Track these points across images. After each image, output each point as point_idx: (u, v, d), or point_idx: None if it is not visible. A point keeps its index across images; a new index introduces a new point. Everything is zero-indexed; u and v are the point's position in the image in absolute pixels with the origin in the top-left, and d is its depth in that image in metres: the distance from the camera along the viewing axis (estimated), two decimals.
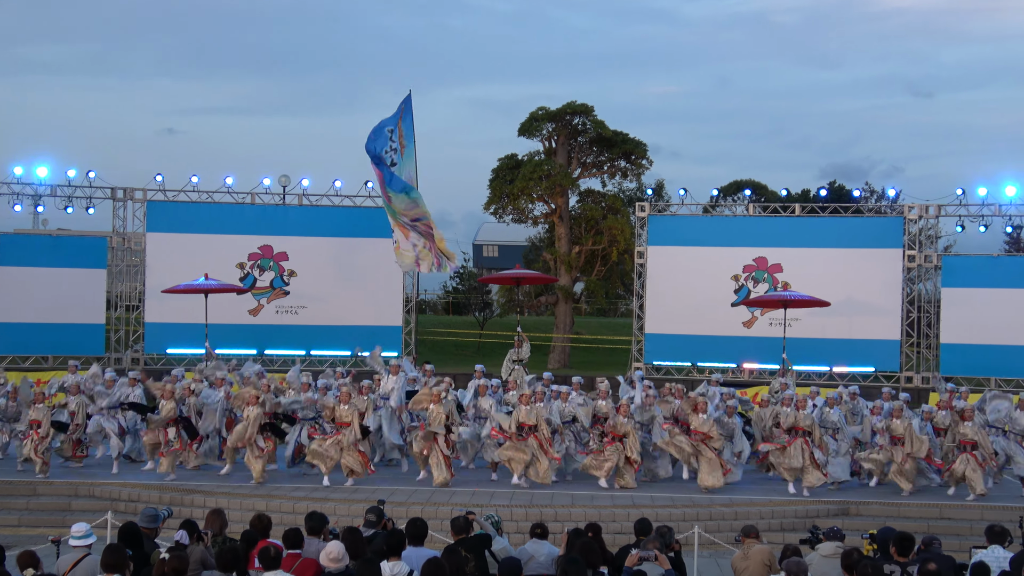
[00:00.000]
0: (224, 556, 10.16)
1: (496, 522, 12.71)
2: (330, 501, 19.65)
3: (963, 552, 14.86)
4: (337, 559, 10.06)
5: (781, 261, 33.15)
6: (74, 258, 32.25)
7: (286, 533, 11.05)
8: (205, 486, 21.02)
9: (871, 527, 15.26)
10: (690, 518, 19.29)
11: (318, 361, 32.42)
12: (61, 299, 31.65)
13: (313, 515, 11.82)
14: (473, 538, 11.70)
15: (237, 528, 12.54)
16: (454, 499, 20.10)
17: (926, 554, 11.46)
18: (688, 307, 33.35)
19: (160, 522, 11.86)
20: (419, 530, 11.30)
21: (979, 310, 31.77)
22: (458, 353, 45.30)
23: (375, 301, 33.38)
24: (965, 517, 20.44)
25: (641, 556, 10.84)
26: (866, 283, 32.50)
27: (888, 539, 11.54)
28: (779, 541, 18.42)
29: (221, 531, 11.79)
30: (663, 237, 33.89)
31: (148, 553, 10.84)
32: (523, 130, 42.10)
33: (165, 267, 31.94)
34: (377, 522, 12.28)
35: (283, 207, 33.57)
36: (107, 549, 9.95)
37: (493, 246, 76.33)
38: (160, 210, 33.01)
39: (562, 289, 42.43)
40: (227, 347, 31.84)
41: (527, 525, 14.49)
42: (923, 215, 32.94)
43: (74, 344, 31.70)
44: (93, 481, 21.45)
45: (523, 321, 32.85)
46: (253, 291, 33.06)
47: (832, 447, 22.06)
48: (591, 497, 20.74)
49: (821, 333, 32.18)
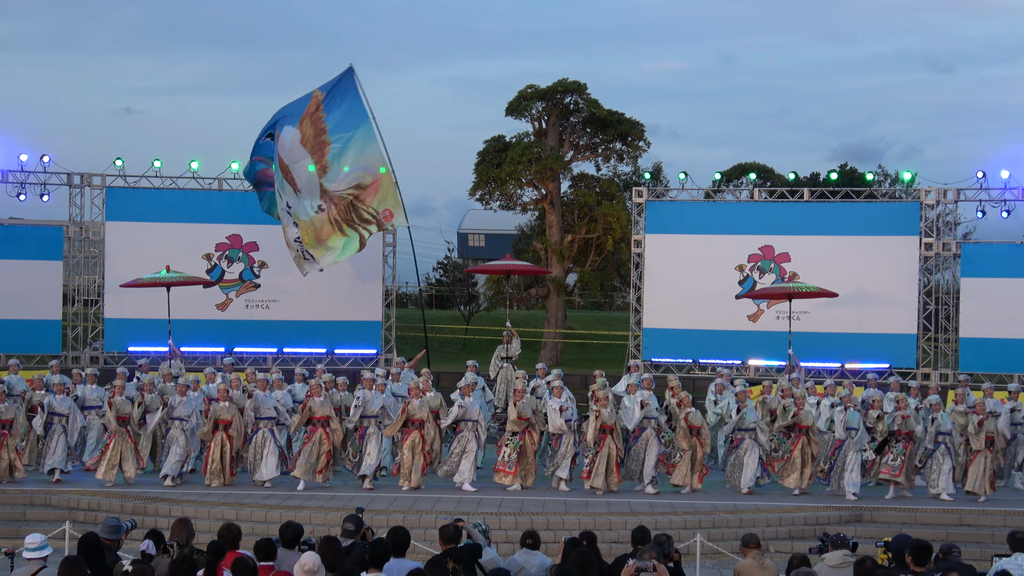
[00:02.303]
0: (178, 567, 10.16)
1: (484, 531, 12.73)
2: (305, 509, 19.67)
3: (984, 561, 14.92)
4: (313, 571, 10.06)
5: (789, 250, 33.14)
6: (28, 249, 32.09)
7: (258, 544, 11.06)
8: (170, 494, 21.06)
9: (886, 535, 15.33)
10: (692, 526, 19.35)
11: (291, 359, 32.37)
12: (14, 293, 31.47)
13: (288, 526, 11.82)
14: (463, 548, 11.71)
15: (205, 539, 12.54)
16: (438, 506, 20.16)
17: (945, 563, 11.49)
18: (689, 300, 33.33)
19: (123, 533, 11.85)
20: (401, 540, 11.31)
21: (1001, 301, 31.77)
22: (442, 350, 45.30)
23: (352, 295, 33.29)
24: (986, 523, 20.52)
25: (638, 567, 10.86)
26: (880, 273, 32.51)
27: (904, 547, 11.56)
28: (787, 550, 18.49)
29: (188, 542, 11.78)
30: (662, 224, 33.87)
31: (109, 566, 10.84)
32: (511, 110, 42.07)
33: (126, 259, 31.81)
34: (356, 531, 12.29)
35: (253, 193, 33.37)
36: (64, 562, 9.96)
37: (479, 235, 76.26)
38: (120, 197, 32.89)
39: (554, 281, 42.45)
40: (194, 344, 31.84)
41: (517, 534, 14.51)
42: (941, 200, 32.98)
43: (28, 342, 31.59)
44: (49, 489, 21.44)
45: (512, 315, 32.88)
46: (221, 284, 32.95)
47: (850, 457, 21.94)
48: (585, 504, 20.80)
49: (832, 327, 32.16)
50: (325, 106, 28.04)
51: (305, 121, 27.92)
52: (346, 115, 28.29)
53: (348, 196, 28.20)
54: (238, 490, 21.36)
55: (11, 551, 12.19)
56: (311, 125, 27.90)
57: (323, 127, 27.92)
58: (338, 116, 28.20)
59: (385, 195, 28.40)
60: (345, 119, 28.28)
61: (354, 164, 28.39)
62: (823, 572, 11.71)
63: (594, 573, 10.83)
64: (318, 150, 28.04)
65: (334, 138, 28.11)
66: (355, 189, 28.23)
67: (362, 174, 28.30)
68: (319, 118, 27.87)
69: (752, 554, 12.34)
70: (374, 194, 28.37)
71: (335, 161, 28.13)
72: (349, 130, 28.34)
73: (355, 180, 28.25)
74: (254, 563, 10.35)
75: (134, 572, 9.78)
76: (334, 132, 28.15)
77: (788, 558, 12.05)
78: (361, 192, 28.27)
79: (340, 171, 28.18)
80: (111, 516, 12.71)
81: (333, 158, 28.15)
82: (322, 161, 28.09)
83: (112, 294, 32.11)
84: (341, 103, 28.25)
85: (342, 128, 28.26)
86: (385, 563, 10.72)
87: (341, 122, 28.25)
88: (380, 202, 28.36)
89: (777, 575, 12.15)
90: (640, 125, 42.34)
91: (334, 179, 28.17)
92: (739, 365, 32.87)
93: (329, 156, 28.15)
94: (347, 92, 28.25)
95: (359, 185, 28.26)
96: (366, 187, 28.29)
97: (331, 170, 28.11)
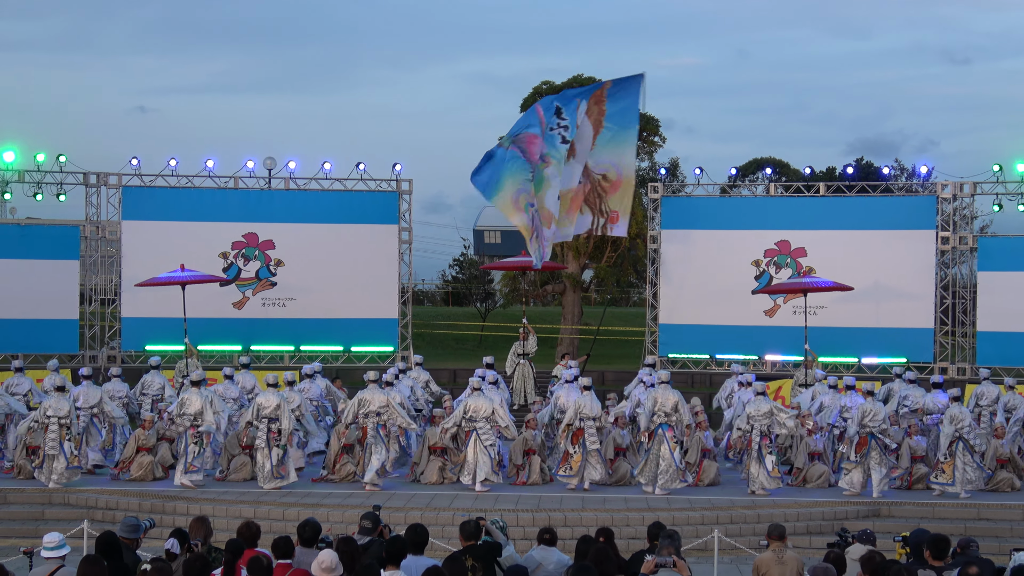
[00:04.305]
0: (192, 565, 10.18)
1: (502, 527, 12.73)
2: (323, 507, 19.71)
3: (1003, 555, 14.84)
4: (330, 568, 10.08)
5: (805, 245, 33.07)
6: (45, 249, 32.18)
7: (276, 542, 11.08)
8: (188, 493, 21.08)
9: (903, 529, 15.29)
10: (709, 521, 19.35)
11: (308, 357, 32.39)
12: (31, 293, 31.57)
13: (307, 524, 11.82)
14: (482, 546, 11.69)
15: (223, 537, 12.56)
16: (456, 503, 20.17)
17: (964, 557, 11.45)
18: (705, 295, 33.28)
19: (142, 532, 11.88)
20: (419, 537, 11.32)
21: (1019, 295, 31.63)
22: (458, 347, 45.34)
23: (369, 292, 33.33)
24: (1005, 518, 20.47)
25: (658, 563, 10.86)
26: (897, 267, 32.42)
27: (922, 542, 11.54)
28: (805, 545, 18.53)
29: (206, 540, 11.81)
30: (678, 220, 33.83)
31: (128, 564, 10.87)
32: (526, 106, 42.00)
33: (142, 257, 31.87)
34: (373, 529, 12.30)
35: (269, 192, 33.54)
36: (84, 560, 9.98)
37: (495, 232, 76.10)
38: (136, 196, 32.96)
39: (570, 277, 42.40)
40: (211, 343, 31.93)
41: (534, 531, 14.51)
42: (957, 193, 32.88)
43: (45, 341, 31.65)
44: (68, 488, 21.50)
45: (528, 312, 32.87)
46: (237, 282, 33.01)
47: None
48: (603, 500, 20.81)
49: (849, 322, 32.10)
50: (609, 94, 28.12)
51: (591, 101, 27.97)
52: (621, 111, 28.27)
53: (598, 179, 28.41)
54: (256, 488, 21.38)
55: (30, 550, 12.23)
56: (595, 105, 27.97)
57: (604, 110, 28.00)
58: (615, 108, 28.22)
59: (622, 198, 28.65)
60: (619, 114, 28.30)
61: (612, 156, 28.43)
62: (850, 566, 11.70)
63: (612, 569, 10.81)
64: (596, 128, 28.13)
65: (608, 124, 28.22)
66: (603, 180, 28.51)
67: (613, 169, 28.55)
68: (602, 101, 27.96)
69: (775, 546, 12.29)
70: (614, 193, 28.59)
71: (602, 145, 28.22)
72: (619, 125, 28.38)
73: (606, 170, 28.50)
74: (269, 561, 10.36)
75: (153, 571, 9.79)
76: (609, 119, 28.24)
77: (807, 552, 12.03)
78: (607, 184, 28.52)
79: (601, 154, 28.26)
80: (130, 515, 12.74)
81: (602, 141, 28.22)
82: (594, 140, 28.22)
83: (129, 293, 32.16)
84: (624, 97, 28.26)
85: (614, 120, 28.30)
86: (403, 560, 10.72)
87: (615, 114, 28.28)
88: (615, 203, 28.62)
89: (799, 568, 12.11)
90: (655, 120, 42.30)
91: (594, 160, 28.37)
92: (756, 360, 32.79)
93: (599, 138, 28.25)
94: (629, 93, 28.27)
95: (606, 177, 28.52)
96: (611, 182, 28.55)
97: (595, 150, 28.18)
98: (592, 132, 28.04)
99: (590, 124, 27.84)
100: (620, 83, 28.23)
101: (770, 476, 21.60)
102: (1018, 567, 11.03)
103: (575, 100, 27.65)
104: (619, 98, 28.19)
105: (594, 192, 28.27)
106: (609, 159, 28.41)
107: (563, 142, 26.94)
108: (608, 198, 28.38)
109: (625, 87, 28.24)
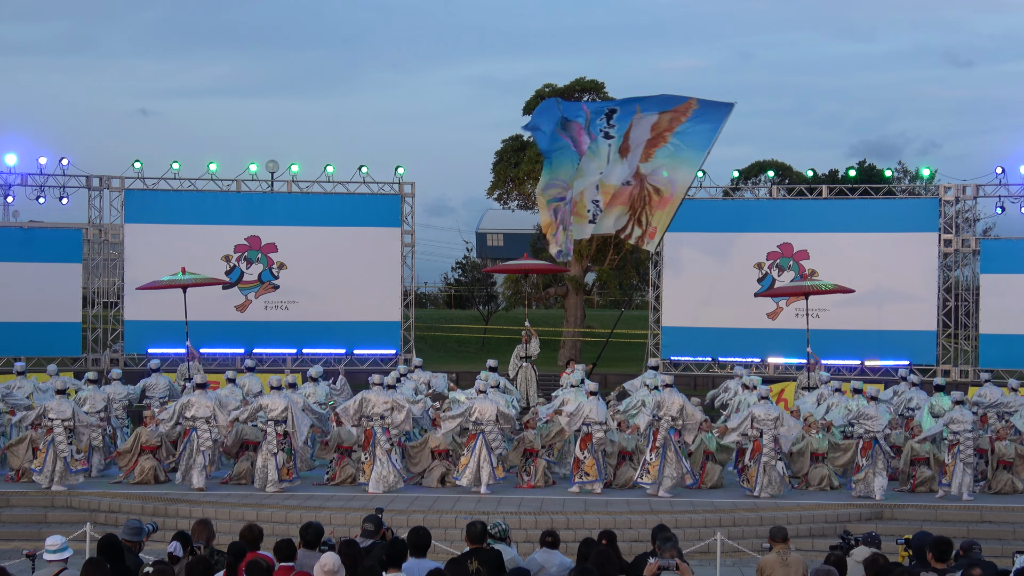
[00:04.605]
0: (194, 568, 10.18)
1: (504, 530, 12.71)
2: (325, 510, 19.71)
3: (1005, 558, 14.85)
4: (332, 571, 10.07)
5: (808, 247, 33.10)
6: (47, 252, 32.25)
7: (278, 544, 11.07)
8: (191, 495, 21.07)
9: (906, 532, 15.27)
10: (712, 524, 19.32)
11: (310, 360, 32.40)
12: (34, 296, 31.64)
13: (309, 527, 11.80)
14: (488, 550, 11.67)
15: (226, 540, 12.55)
16: (458, 506, 20.17)
17: (966, 560, 11.44)
18: (708, 298, 33.31)
19: (144, 536, 11.87)
20: (422, 540, 11.31)
21: (1022, 298, 31.69)
22: (461, 350, 45.34)
23: (371, 295, 33.38)
24: (1008, 520, 20.44)
25: (660, 565, 10.86)
26: (899, 270, 32.44)
27: (924, 544, 11.53)
28: (808, 547, 18.51)
29: (209, 543, 11.81)
30: (680, 223, 33.51)
31: (130, 567, 10.86)
32: (529, 109, 42.06)
33: (145, 261, 31.88)
34: (375, 531, 12.29)
35: (271, 195, 33.58)
36: (87, 563, 9.98)
37: (498, 234, 76.16)
38: (139, 199, 32.99)
39: (572, 280, 42.43)
40: (213, 346, 31.97)
41: (536, 533, 14.52)
42: (960, 196, 32.89)
43: (48, 344, 31.72)
44: (70, 491, 21.49)
45: (531, 315, 32.86)
46: (240, 285, 33.06)
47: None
48: (605, 503, 20.79)
49: (852, 324, 32.13)
50: (692, 114, 27.77)
51: (669, 114, 27.70)
52: (698, 132, 27.83)
53: (650, 189, 28.10)
54: (258, 491, 21.37)
55: (32, 553, 12.23)
56: (670, 120, 27.69)
57: (677, 125, 27.72)
58: (693, 127, 27.82)
59: (667, 216, 28.00)
60: (693, 134, 27.83)
61: (671, 172, 28.01)
62: (851, 568, 11.69)
63: (614, 572, 10.81)
64: (657, 140, 27.85)
65: (675, 140, 27.90)
66: (655, 192, 28.01)
67: (668, 186, 27.91)
68: (679, 120, 27.64)
69: (779, 548, 12.26)
70: (660, 209, 28.10)
71: (662, 158, 27.82)
72: (687, 144, 28.00)
73: (660, 184, 27.84)
74: (269, 565, 10.35)
75: (155, 574, 9.79)
76: (678, 135, 27.92)
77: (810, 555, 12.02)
78: (657, 199, 28.02)
79: (659, 167, 27.86)
80: (132, 518, 12.73)
81: (662, 154, 27.88)
82: (651, 150, 27.93)
83: (131, 296, 32.19)
84: (706, 121, 27.77)
85: (684, 138, 27.93)
86: (403, 563, 10.71)
87: (690, 133, 27.87)
88: (659, 219, 27.95)
89: (803, 571, 12.09)
90: None
91: (649, 169, 27.98)
92: (758, 363, 32.77)
93: (659, 150, 27.95)
94: (713, 119, 27.74)
95: (659, 191, 27.95)
96: (662, 197, 27.96)
97: (652, 160, 27.83)
98: (648, 139, 27.76)
99: (650, 132, 27.60)
100: (708, 105, 27.66)
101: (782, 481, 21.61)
102: (1021, 569, 11.02)
103: (634, 106, 27.54)
104: (702, 120, 27.66)
105: (640, 200, 27.99)
106: (669, 175, 27.81)
107: (606, 137, 26.95)
108: (653, 213, 28.09)
109: (712, 111, 27.62)
